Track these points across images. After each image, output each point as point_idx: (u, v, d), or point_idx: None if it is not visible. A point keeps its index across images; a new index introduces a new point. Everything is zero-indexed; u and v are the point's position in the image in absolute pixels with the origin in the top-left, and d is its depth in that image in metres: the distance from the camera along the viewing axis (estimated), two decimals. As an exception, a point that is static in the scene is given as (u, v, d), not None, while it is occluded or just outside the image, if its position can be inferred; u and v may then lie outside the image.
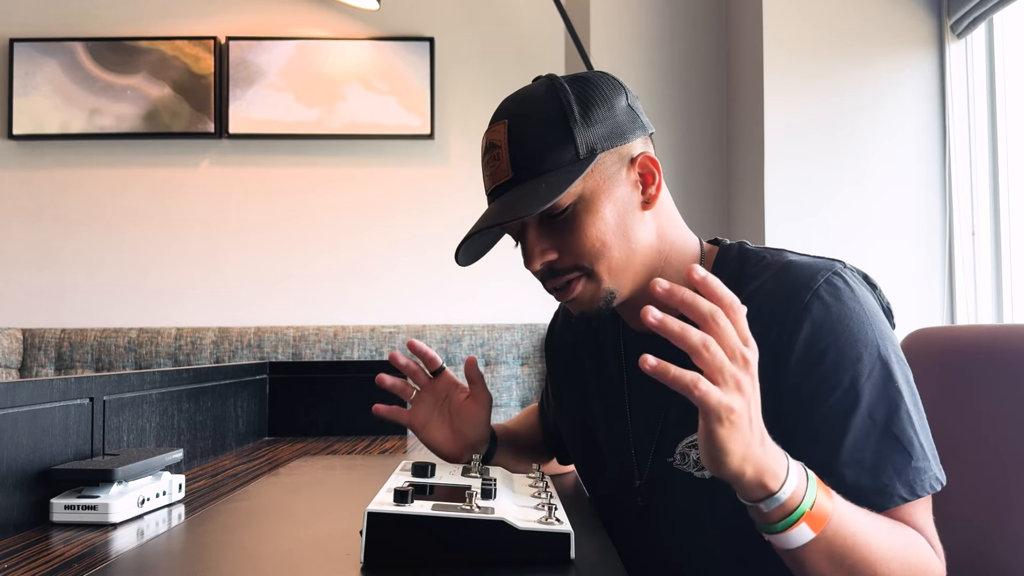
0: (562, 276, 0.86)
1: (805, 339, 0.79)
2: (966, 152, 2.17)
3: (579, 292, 0.86)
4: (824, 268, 0.83)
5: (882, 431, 0.77)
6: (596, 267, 0.85)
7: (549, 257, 0.86)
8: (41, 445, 0.96)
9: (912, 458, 0.76)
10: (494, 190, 0.87)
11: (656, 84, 2.63)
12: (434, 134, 3.02)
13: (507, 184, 0.86)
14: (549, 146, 0.84)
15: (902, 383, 0.79)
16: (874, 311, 0.82)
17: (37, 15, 3.04)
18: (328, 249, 3.06)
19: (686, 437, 0.87)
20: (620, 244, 0.85)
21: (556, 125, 0.85)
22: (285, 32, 3.05)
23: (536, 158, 0.84)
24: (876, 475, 0.76)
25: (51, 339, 2.83)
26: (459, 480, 0.84)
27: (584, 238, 0.84)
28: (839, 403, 0.78)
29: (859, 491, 0.75)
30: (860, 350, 0.78)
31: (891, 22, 2.24)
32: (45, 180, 3.04)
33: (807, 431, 0.79)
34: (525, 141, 0.85)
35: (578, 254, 0.85)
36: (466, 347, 2.84)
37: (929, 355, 1.13)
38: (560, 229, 0.85)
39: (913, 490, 0.76)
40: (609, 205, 0.85)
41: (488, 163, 0.88)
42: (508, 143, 0.85)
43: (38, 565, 0.76)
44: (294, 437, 1.81)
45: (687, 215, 1.00)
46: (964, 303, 2.14)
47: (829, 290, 0.80)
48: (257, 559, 0.78)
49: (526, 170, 0.84)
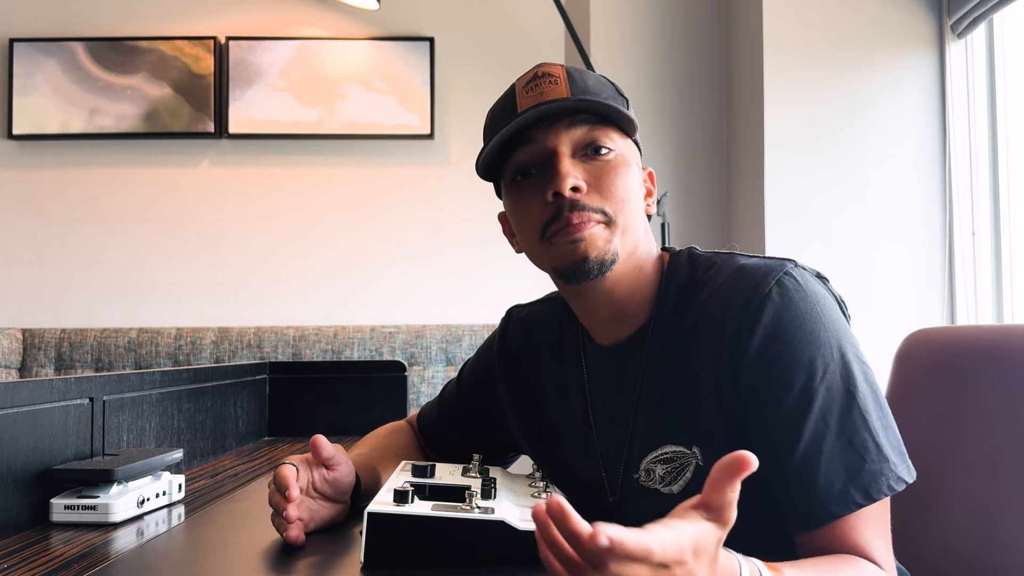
0: (587, 212, 0.83)
1: (758, 344, 0.78)
2: (966, 152, 2.17)
3: (594, 231, 0.83)
4: (775, 269, 0.81)
5: (835, 434, 0.75)
6: (617, 217, 0.84)
7: (580, 184, 0.83)
8: (41, 445, 0.96)
9: (866, 461, 0.75)
10: (541, 104, 0.84)
11: (656, 84, 2.63)
12: (434, 134, 3.02)
13: (563, 100, 0.84)
14: (609, 95, 0.87)
15: (859, 382, 0.77)
16: (828, 309, 0.80)
17: (37, 15, 3.04)
18: (328, 249, 3.06)
19: (649, 453, 0.86)
20: (636, 211, 0.87)
21: (612, 89, 0.89)
22: (285, 32, 3.05)
23: (599, 95, 0.85)
24: (830, 481, 0.74)
25: (51, 339, 2.83)
26: (459, 480, 0.84)
27: (619, 182, 0.85)
28: (792, 407, 0.76)
29: (814, 498, 0.74)
30: (813, 352, 0.77)
31: (891, 22, 2.24)
32: (45, 180, 3.04)
33: (762, 436, 0.78)
34: (586, 78, 0.87)
35: (608, 195, 0.84)
36: (466, 347, 2.84)
37: (929, 355, 1.13)
38: (595, 168, 0.85)
39: (868, 494, 0.74)
40: (635, 178, 0.88)
41: (537, 86, 0.85)
42: (568, 76, 0.86)
43: (38, 565, 0.76)
44: (294, 437, 1.81)
45: (687, 216, 1.00)
46: (964, 303, 2.14)
47: (780, 292, 0.79)
48: (257, 559, 0.78)
49: (586, 94, 0.85)
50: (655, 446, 0.85)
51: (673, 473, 0.84)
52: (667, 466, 0.85)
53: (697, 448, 0.82)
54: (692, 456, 0.83)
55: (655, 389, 0.86)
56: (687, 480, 0.83)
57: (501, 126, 0.86)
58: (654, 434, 0.86)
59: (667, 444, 0.85)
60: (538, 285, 0.93)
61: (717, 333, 0.81)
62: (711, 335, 0.82)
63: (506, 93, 0.90)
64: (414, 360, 2.84)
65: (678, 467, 0.84)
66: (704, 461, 0.82)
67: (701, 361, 0.83)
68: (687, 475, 0.83)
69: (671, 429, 0.84)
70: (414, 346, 2.84)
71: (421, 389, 2.80)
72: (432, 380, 2.82)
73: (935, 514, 0.80)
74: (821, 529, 0.75)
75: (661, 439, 0.85)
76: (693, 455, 0.83)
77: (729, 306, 0.81)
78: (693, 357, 0.83)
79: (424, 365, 2.84)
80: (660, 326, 0.87)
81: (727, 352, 0.80)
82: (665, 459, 0.85)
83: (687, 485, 0.83)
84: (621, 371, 0.90)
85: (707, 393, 0.82)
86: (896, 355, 1.18)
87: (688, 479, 0.83)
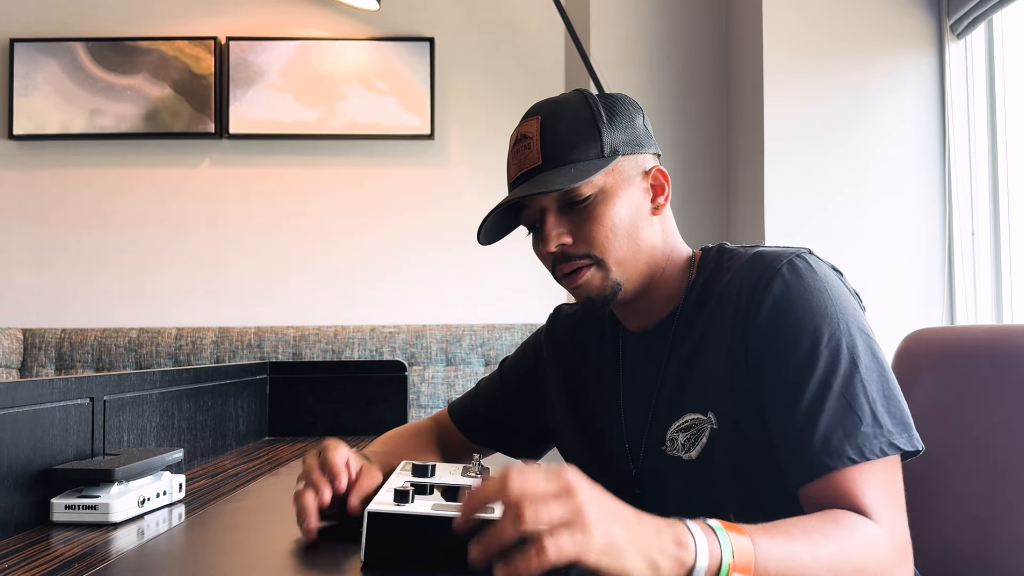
0: (573, 262, 0.92)
1: (767, 311, 0.84)
2: (966, 152, 2.17)
3: (587, 278, 0.92)
4: (789, 253, 0.88)
5: (836, 396, 0.79)
6: (606, 257, 0.92)
7: (565, 240, 0.92)
8: (41, 445, 0.96)
9: (861, 423, 0.78)
10: (520, 176, 0.93)
11: (656, 84, 2.63)
12: (434, 134, 3.02)
13: (534, 170, 0.92)
14: (578, 141, 0.92)
15: (862, 353, 0.82)
16: (838, 290, 0.86)
17: (37, 15, 3.04)
18: (328, 249, 3.06)
19: (673, 423, 0.92)
20: (629, 239, 0.93)
21: (586, 124, 0.93)
22: (285, 32, 3.05)
23: (566, 149, 0.92)
24: (827, 437, 0.78)
25: (51, 339, 2.84)
26: (459, 480, 0.84)
27: (600, 227, 0.91)
28: (797, 367, 0.81)
29: (811, 450, 0.78)
30: (819, 320, 0.82)
31: (891, 22, 2.24)
32: (45, 180, 3.04)
33: (769, 396, 0.83)
34: (557, 134, 0.92)
35: (591, 242, 0.91)
36: (466, 347, 2.84)
37: (929, 355, 1.13)
38: (578, 217, 0.92)
39: (862, 452, 0.77)
40: (624, 203, 0.93)
41: (516, 153, 0.95)
42: (540, 135, 0.93)
43: (38, 565, 0.77)
44: (294, 437, 1.81)
45: (687, 215, 1.02)
46: (964, 303, 2.14)
47: (791, 269, 0.86)
48: (257, 559, 0.78)
49: (555, 159, 0.91)
50: (677, 416, 0.91)
51: (692, 440, 0.89)
52: (687, 434, 0.90)
53: (712, 413, 0.88)
54: (708, 421, 0.88)
55: (678, 366, 0.92)
56: (703, 445, 0.88)
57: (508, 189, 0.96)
58: (676, 405, 0.92)
59: (687, 413, 0.90)
60: (538, 285, 0.94)
61: (732, 307, 0.88)
62: (727, 310, 0.89)
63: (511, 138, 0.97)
64: (414, 360, 2.84)
65: (696, 433, 0.89)
66: (718, 424, 0.87)
67: (718, 334, 0.89)
68: (703, 440, 0.88)
69: (691, 398, 0.91)
70: (414, 346, 2.84)
71: (421, 389, 2.81)
72: (432, 380, 2.82)
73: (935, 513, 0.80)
74: (818, 481, 0.78)
75: (682, 409, 0.91)
76: (708, 420, 0.88)
77: (743, 283, 0.89)
78: (712, 331, 0.90)
79: (424, 365, 2.84)
80: (687, 312, 0.94)
81: (739, 321, 0.87)
82: (685, 427, 0.90)
83: (703, 450, 0.88)
84: (649, 352, 0.97)
85: (722, 361, 0.88)
86: (896, 355, 1.18)
87: (704, 444, 0.88)
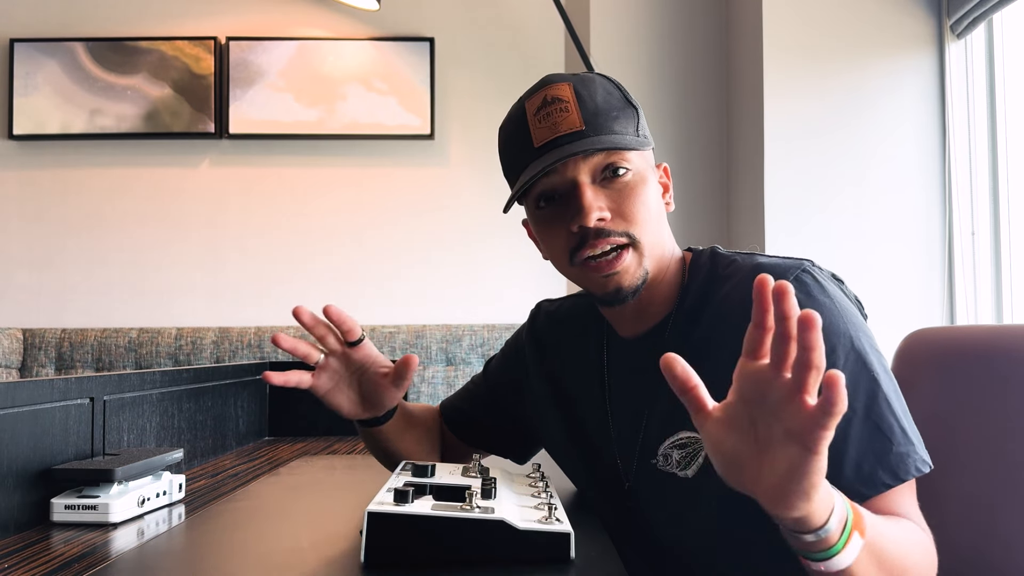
0: (612, 238, 0.87)
1: None
2: (966, 152, 2.17)
3: (627, 264, 0.87)
4: (792, 267, 0.85)
5: (861, 419, 0.76)
6: (643, 238, 0.88)
7: (605, 215, 0.87)
8: (41, 445, 0.96)
9: (893, 443, 0.76)
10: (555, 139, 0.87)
11: (656, 84, 2.63)
12: (434, 134, 3.02)
13: (577, 134, 0.87)
14: (619, 114, 0.89)
15: (878, 370, 0.79)
16: (844, 304, 0.83)
17: (37, 15, 3.04)
18: (328, 249, 3.06)
19: (667, 439, 0.89)
20: (658, 227, 0.90)
21: (621, 101, 0.91)
22: (285, 32, 3.05)
23: (608, 119, 0.88)
24: (859, 464, 0.75)
25: (51, 339, 2.84)
26: (459, 480, 0.84)
27: (639, 203, 0.88)
28: None
29: (843, 481, 0.74)
30: (833, 341, 0.78)
31: (891, 23, 2.24)
32: (45, 180, 3.04)
33: None
34: (595, 102, 0.88)
35: (630, 219, 0.87)
36: (466, 347, 2.84)
37: (929, 355, 1.13)
38: (615, 193, 0.88)
39: (896, 475, 0.75)
40: (653, 190, 0.91)
41: (547, 116, 0.88)
42: (577, 99, 0.88)
43: (38, 565, 0.77)
44: (294, 437, 1.81)
45: (687, 215, 1.01)
46: (964, 303, 2.14)
47: (799, 286, 0.82)
48: (257, 559, 0.78)
49: (598, 127, 0.87)
50: (672, 432, 0.88)
51: (688, 458, 0.87)
52: (682, 451, 0.87)
53: None
54: None
55: None
56: (700, 465, 0.85)
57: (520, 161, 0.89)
58: (671, 420, 0.89)
59: (683, 430, 0.87)
60: (538, 285, 0.93)
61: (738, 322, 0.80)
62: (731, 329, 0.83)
63: (516, 116, 0.92)
64: (414, 360, 2.84)
65: (692, 452, 0.87)
66: None
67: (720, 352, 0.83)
68: (699, 460, 0.86)
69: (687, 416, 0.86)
70: (414, 346, 2.84)
71: (421, 389, 2.80)
72: (432, 380, 2.82)
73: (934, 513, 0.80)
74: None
75: (677, 425, 0.88)
76: None
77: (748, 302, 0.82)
78: (711, 348, 0.85)
79: (424, 365, 2.84)
80: (680, 320, 0.91)
81: None
82: (680, 444, 0.88)
83: (700, 469, 0.85)
84: (640, 361, 0.93)
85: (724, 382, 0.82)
86: (896, 354, 1.18)
87: (701, 463, 0.85)
